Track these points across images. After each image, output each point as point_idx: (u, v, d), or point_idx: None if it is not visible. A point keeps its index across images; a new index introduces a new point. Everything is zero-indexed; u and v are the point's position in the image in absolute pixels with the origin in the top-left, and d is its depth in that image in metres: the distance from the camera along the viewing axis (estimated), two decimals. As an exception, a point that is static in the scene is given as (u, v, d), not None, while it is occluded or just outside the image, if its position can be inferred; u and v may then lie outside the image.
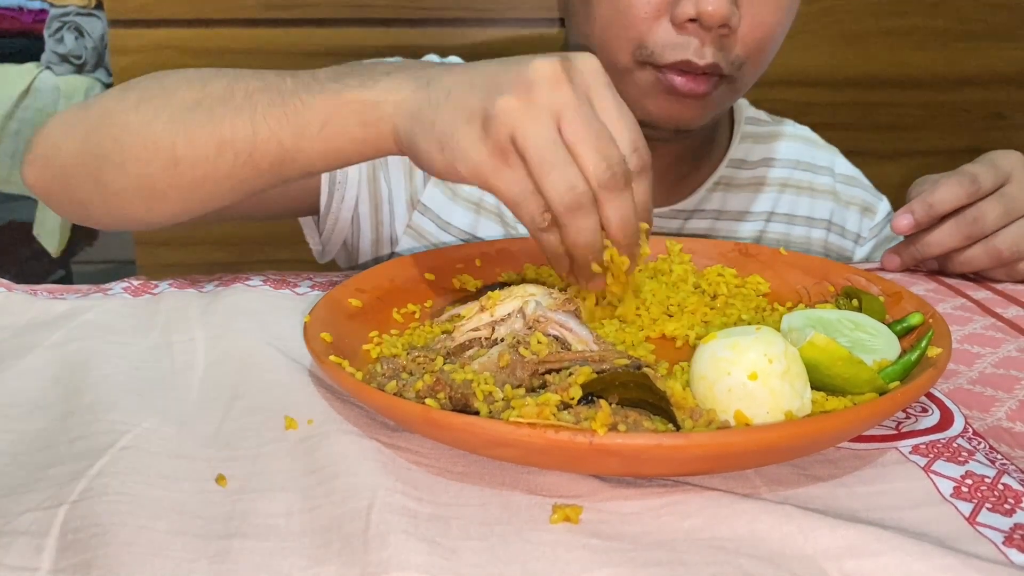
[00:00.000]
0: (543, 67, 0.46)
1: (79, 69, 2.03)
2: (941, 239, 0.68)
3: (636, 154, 0.47)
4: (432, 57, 0.85)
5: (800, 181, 0.87)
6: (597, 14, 0.68)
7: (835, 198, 0.88)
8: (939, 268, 0.72)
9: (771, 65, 0.73)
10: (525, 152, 0.45)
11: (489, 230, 0.80)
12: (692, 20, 0.64)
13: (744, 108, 0.87)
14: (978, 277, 0.71)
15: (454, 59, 0.86)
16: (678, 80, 0.67)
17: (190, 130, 0.55)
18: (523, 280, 0.62)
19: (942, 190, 0.67)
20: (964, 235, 0.67)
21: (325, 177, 0.74)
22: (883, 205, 0.91)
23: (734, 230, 0.85)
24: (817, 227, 0.87)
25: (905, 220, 0.68)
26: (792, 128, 0.90)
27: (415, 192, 0.79)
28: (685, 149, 0.80)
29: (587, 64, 0.48)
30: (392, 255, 0.80)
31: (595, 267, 0.48)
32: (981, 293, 0.67)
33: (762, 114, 0.90)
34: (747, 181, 0.85)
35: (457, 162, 0.47)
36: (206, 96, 0.56)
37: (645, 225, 0.49)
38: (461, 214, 0.79)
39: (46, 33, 2.01)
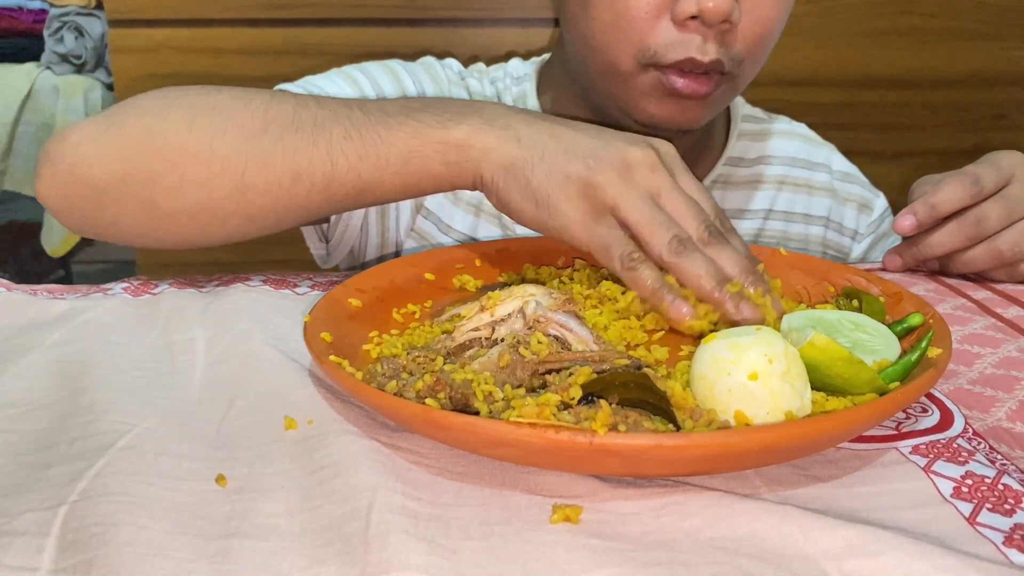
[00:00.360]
0: (640, 152, 0.52)
1: (79, 69, 2.03)
2: (943, 240, 0.68)
3: (721, 221, 0.53)
4: (429, 59, 0.85)
5: (798, 178, 0.87)
6: (596, 17, 0.68)
7: (832, 195, 0.88)
8: (940, 268, 0.72)
9: (771, 65, 0.73)
10: (628, 216, 0.51)
11: (488, 232, 0.80)
12: (693, 17, 0.64)
13: (740, 106, 0.87)
14: (978, 277, 0.71)
15: (452, 61, 0.86)
16: (680, 82, 0.66)
17: (262, 157, 0.55)
18: (523, 280, 0.62)
19: (945, 191, 0.67)
20: (966, 236, 0.67)
21: None
22: (880, 201, 0.91)
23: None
24: (815, 224, 0.87)
25: (907, 221, 0.68)
26: (788, 125, 0.91)
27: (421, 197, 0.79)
28: (682, 148, 0.80)
29: (668, 149, 0.54)
30: (397, 255, 0.80)
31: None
32: (981, 293, 0.67)
33: (758, 111, 0.90)
34: (745, 179, 0.85)
35: (550, 218, 0.52)
36: (271, 121, 0.55)
37: (761, 265, 0.53)
38: (462, 217, 0.80)
39: (46, 33, 2.01)
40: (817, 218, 0.87)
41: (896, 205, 1.38)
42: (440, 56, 0.87)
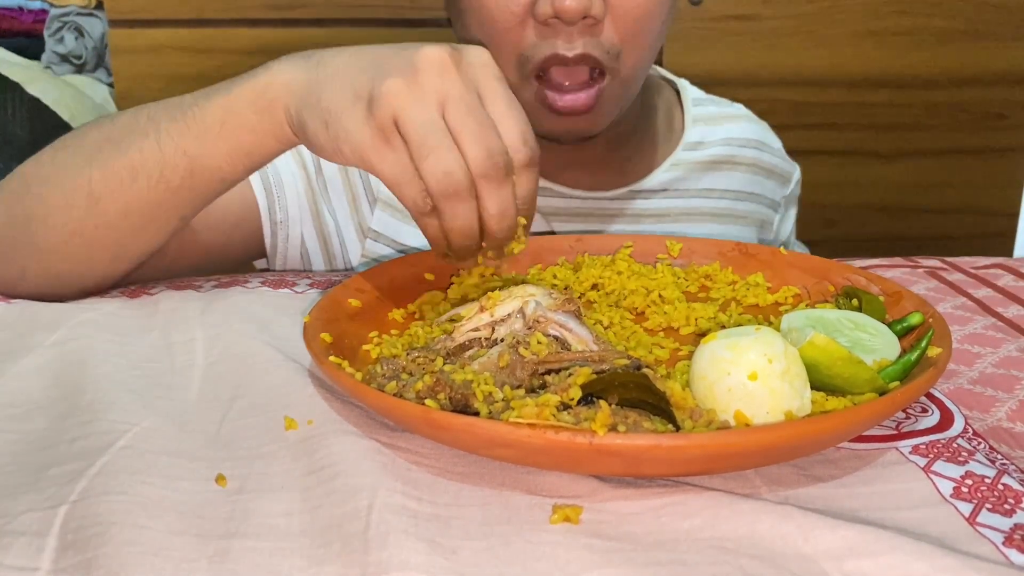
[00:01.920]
0: (432, 53, 0.47)
1: (79, 69, 2.03)
2: None
3: (525, 147, 0.48)
4: None
5: (750, 159, 0.89)
6: (471, 37, 0.68)
7: (770, 173, 0.90)
8: None
9: (771, 65, 0.72)
10: (406, 134, 0.46)
11: None
12: (555, 18, 0.63)
13: (688, 89, 0.88)
14: (979, 274, 0.71)
15: None
16: (559, 101, 0.66)
17: (103, 164, 0.55)
18: (523, 280, 0.62)
19: None
20: None
21: (265, 219, 0.72)
22: (796, 174, 0.93)
23: (694, 207, 0.85)
24: (761, 203, 0.89)
25: None
26: (733, 109, 0.92)
27: (363, 220, 0.77)
28: (616, 135, 0.79)
29: (478, 56, 0.48)
30: None
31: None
32: (982, 291, 0.67)
33: (701, 94, 0.90)
34: (703, 159, 0.86)
35: (341, 141, 0.48)
36: (113, 130, 0.56)
37: (523, 219, 0.50)
38: (416, 235, 0.77)
39: (46, 33, 2.01)
40: (758, 195, 0.89)
41: (896, 205, 1.38)
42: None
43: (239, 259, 0.75)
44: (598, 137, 0.73)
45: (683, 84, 0.89)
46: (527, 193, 0.49)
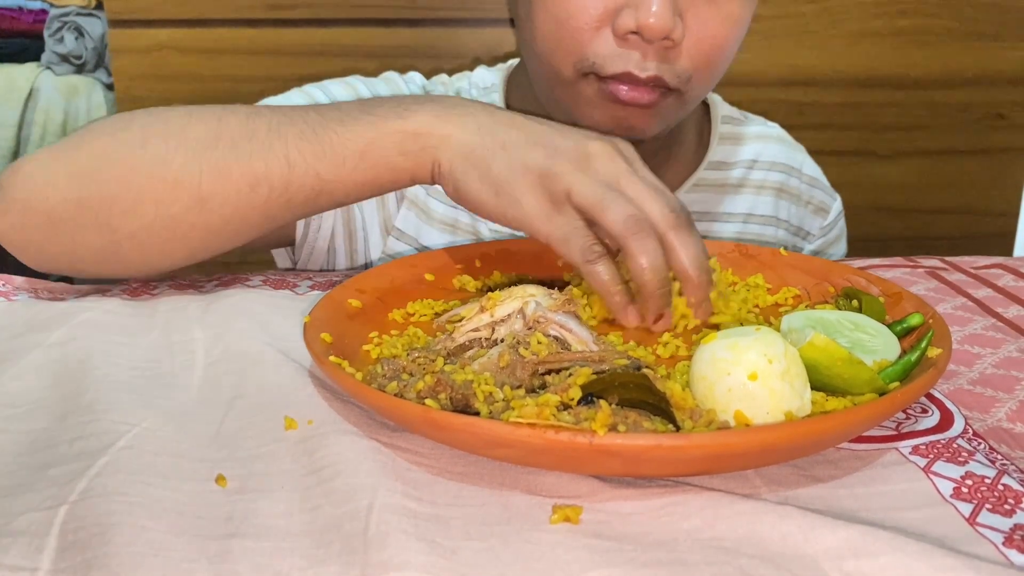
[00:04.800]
0: (598, 144, 0.52)
1: (79, 69, 2.03)
2: None
3: (684, 210, 0.51)
4: (391, 74, 0.84)
5: (776, 183, 0.87)
6: (538, 26, 0.67)
7: (798, 199, 0.89)
8: None
9: (771, 65, 0.72)
10: (582, 200, 0.49)
11: None
12: (635, 32, 0.63)
13: (719, 106, 0.87)
14: (979, 274, 0.71)
15: (415, 75, 0.85)
16: (622, 90, 0.65)
17: (218, 166, 0.54)
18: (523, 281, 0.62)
19: None
20: None
21: None
22: (836, 204, 0.91)
23: (713, 231, 0.85)
24: (783, 228, 0.88)
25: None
26: (765, 128, 0.90)
27: (388, 218, 0.77)
28: (646, 152, 0.77)
29: (629, 147, 0.54)
30: None
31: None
32: (982, 291, 0.67)
33: (735, 111, 0.89)
34: (726, 183, 0.85)
35: (509, 208, 0.51)
36: (224, 131, 0.55)
37: (715, 260, 0.52)
38: (437, 236, 0.78)
39: (46, 33, 2.01)
40: (782, 221, 0.88)
41: (896, 205, 1.38)
42: (439, 56, 0.87)
43: (267, 245, 0.76)
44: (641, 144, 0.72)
45: (715, 100, 0.87)
46: (701, 242, 0.51)
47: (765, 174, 0.87)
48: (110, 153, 0.55)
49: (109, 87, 2.01)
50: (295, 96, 0.77)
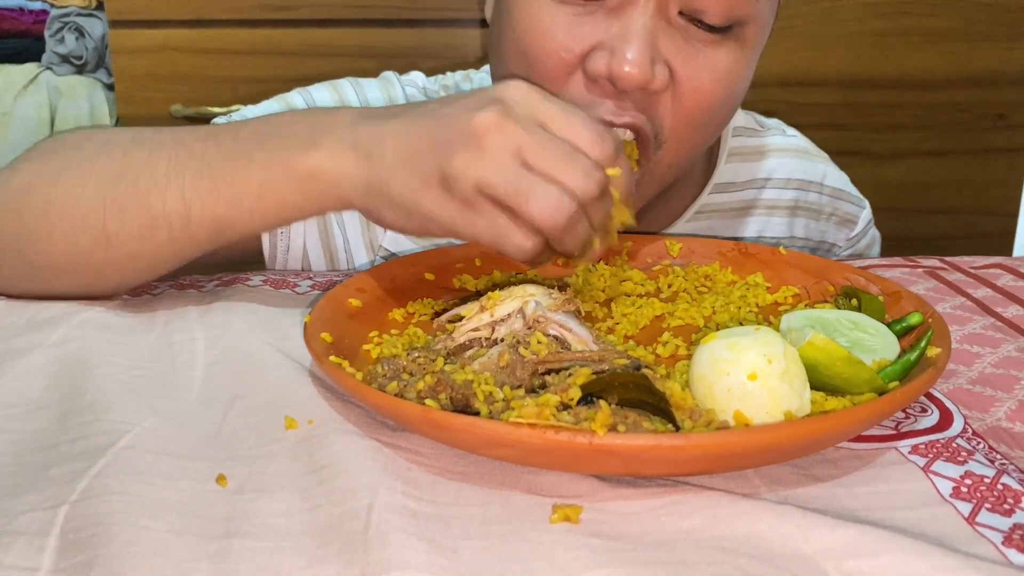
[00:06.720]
0: (486, 119, 0.46)
1: (80, 70, 2.03)
2: None
3: (604, 142, 0.47)
4: (390, 74, 0.81)
5: (790, 201, 0.82)
6: (507, 64, 0.62)
7: (818, 214, 0.84)
8: None
9: (771, 65, 0.71)
10: (496, 194, 0.45)
11: None
12: (607, 78, 0.57)
13: (734, 117, 0.81)
14: (978, 274, 0.71)
15: (416, 75, 0.82)
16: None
17: (118, 203, 0.53)
18: (523, 280, 0.62)
19: None
20: None
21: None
22: (864, 214, 0.86)
23: None
24: (804, 246, 0.84)
25: None
26: (783, 139, 0.83)
27: (374, 237, 0.75)
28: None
29: (517, 92, 0.47)
30: None
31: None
32: (982, 291, 0.67)
33: (751, 120, 0.82)
34: (733, 205, 0.80)
35: (427, 223, 0.48)
36: (128, 167, 0.54)
37: (629, 221, 0.50)
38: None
39: (47, 34, 2.01)
40: (797, 239, 0.84)
41: (895, 205, 1.38)
42: (438, 57, 0.86)
43: (238, 261, 0.74)
44: None
45: None
46: (624, 186, 0.48)
47: (779, 193, 0.81)
48: (31, 187, 0.56)
49: (110, 87, 2.01)
50: (273, 104, 0.76)
